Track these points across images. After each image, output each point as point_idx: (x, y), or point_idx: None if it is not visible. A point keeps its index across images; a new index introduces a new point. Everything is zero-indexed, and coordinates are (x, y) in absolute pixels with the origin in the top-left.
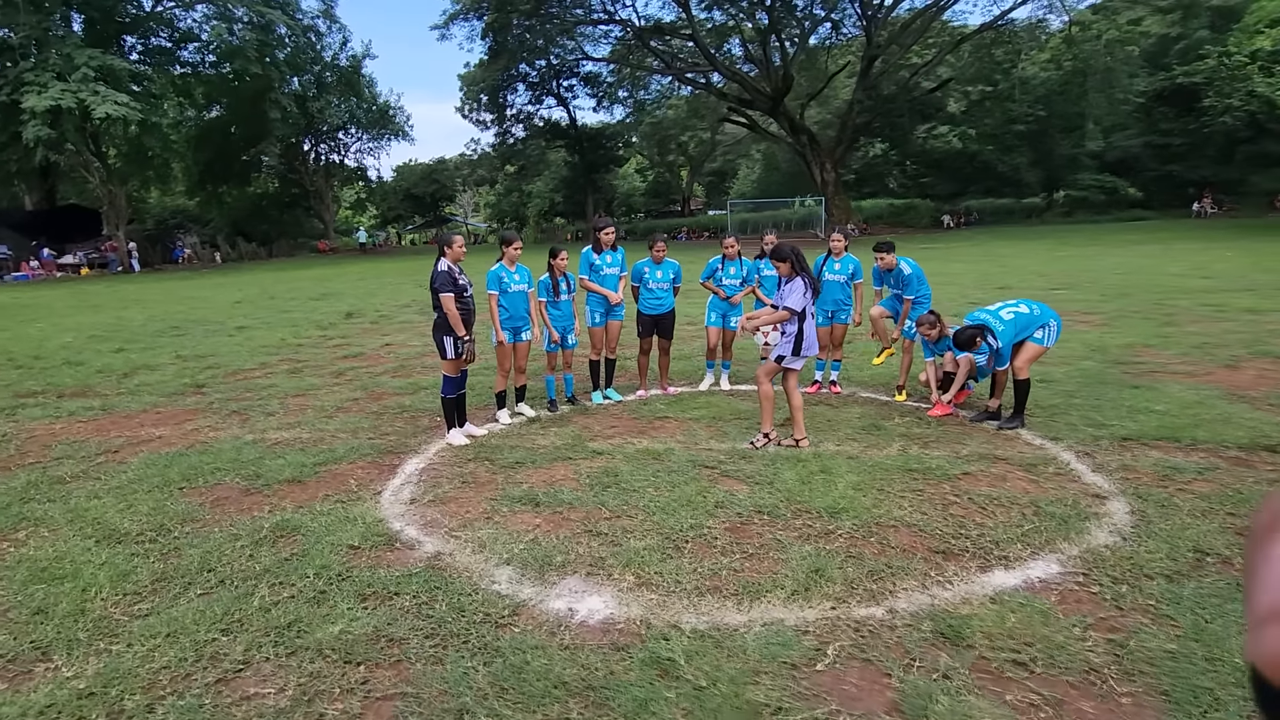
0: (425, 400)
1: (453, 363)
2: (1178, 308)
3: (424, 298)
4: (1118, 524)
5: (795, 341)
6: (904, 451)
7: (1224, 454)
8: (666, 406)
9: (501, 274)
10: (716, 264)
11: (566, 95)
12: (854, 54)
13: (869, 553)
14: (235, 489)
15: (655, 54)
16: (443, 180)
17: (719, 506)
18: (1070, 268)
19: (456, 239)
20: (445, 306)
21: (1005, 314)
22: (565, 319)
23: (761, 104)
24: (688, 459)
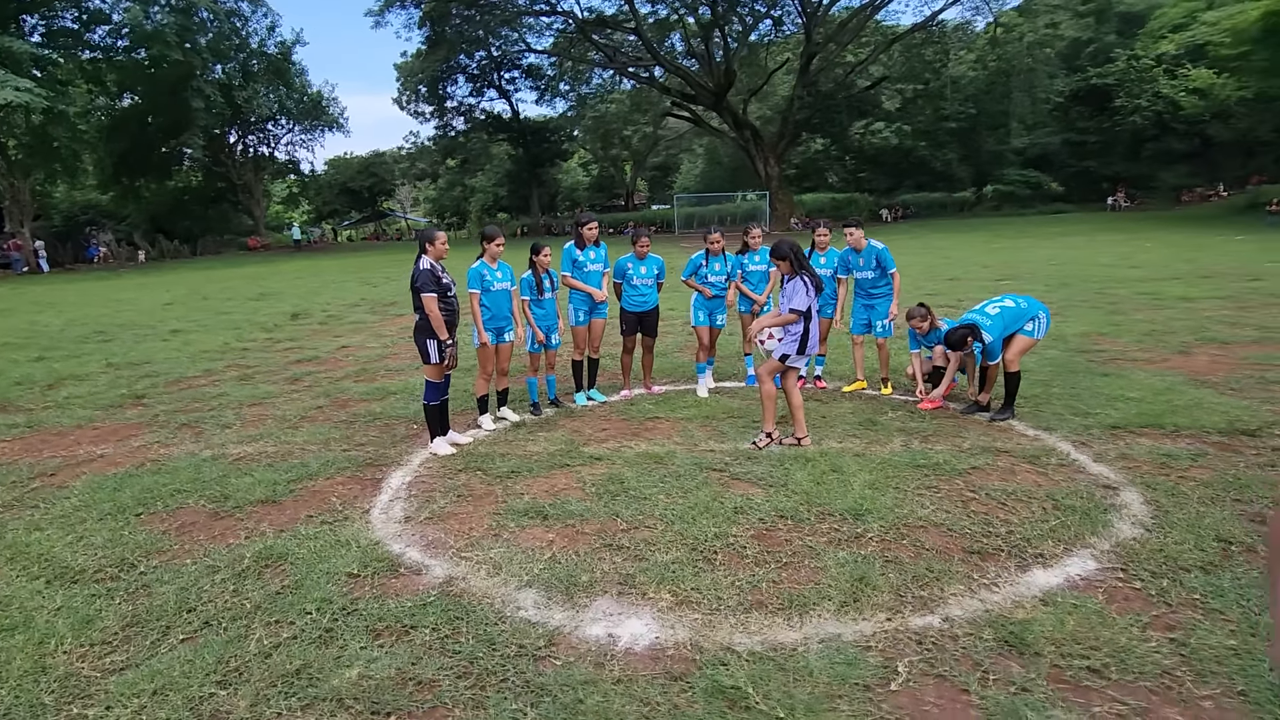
0: (396, 406)
1: (436, 367)
2: (1119, 296)
3: (374, 296)
4: (1136, 515)
5: (800, 340)
6: (907, 447)
7: (1207, 439)
8: (655, 407)
9: (483, 272)
10: (700, 260)
11: (508, 88)
12: (792, 51)
13: (905, 557)
14: (202, 513)
15: (598, 47)
16: (381, 174)
17: (738, 512)
18: (1008, 259)
19: (439, 235)
20: (428, 308)
21: (991, 310)
22: (549, 318)
23: (705, 99)
24: (692, 462)
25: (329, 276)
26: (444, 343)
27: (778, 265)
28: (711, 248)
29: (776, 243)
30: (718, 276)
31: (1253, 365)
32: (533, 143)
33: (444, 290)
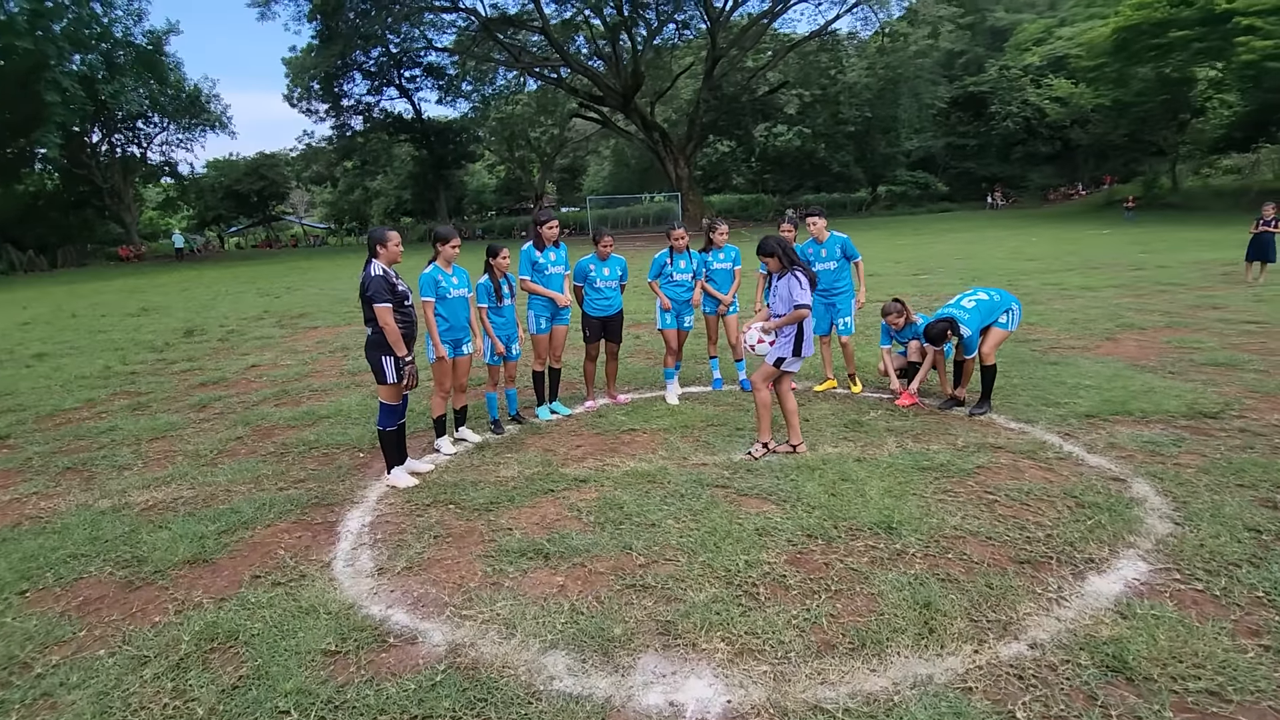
0: (333, 432)
1: (393, 388)
2: (1030, 288)
3: (278, 308)
4: (1158, 508)
5: (795, 342)
6: (903, 448)
7: (1177, 424)
8: (627, 418)
9: (438, 277)
10: (664, 259)
11: (409, 86)
12: (695, 55)
13: (958, 573)
14: (111, 583)
15: (503, 46)
16: (272, 177)
17: (762, 534)
18: (915, 255)
19: (392, 236)
20: (382, 320)
21: (967, 304)
22: (508, 326)
23: (613, 100)
24: (689, 479)
25: (222, 287)
26: (402, 360)
27: (766, 262)
28: (676, 244)
29: (763, 239)
30: (684, 275)
31: (1176, 349)
32: (437, 144)
33: (400, 299)
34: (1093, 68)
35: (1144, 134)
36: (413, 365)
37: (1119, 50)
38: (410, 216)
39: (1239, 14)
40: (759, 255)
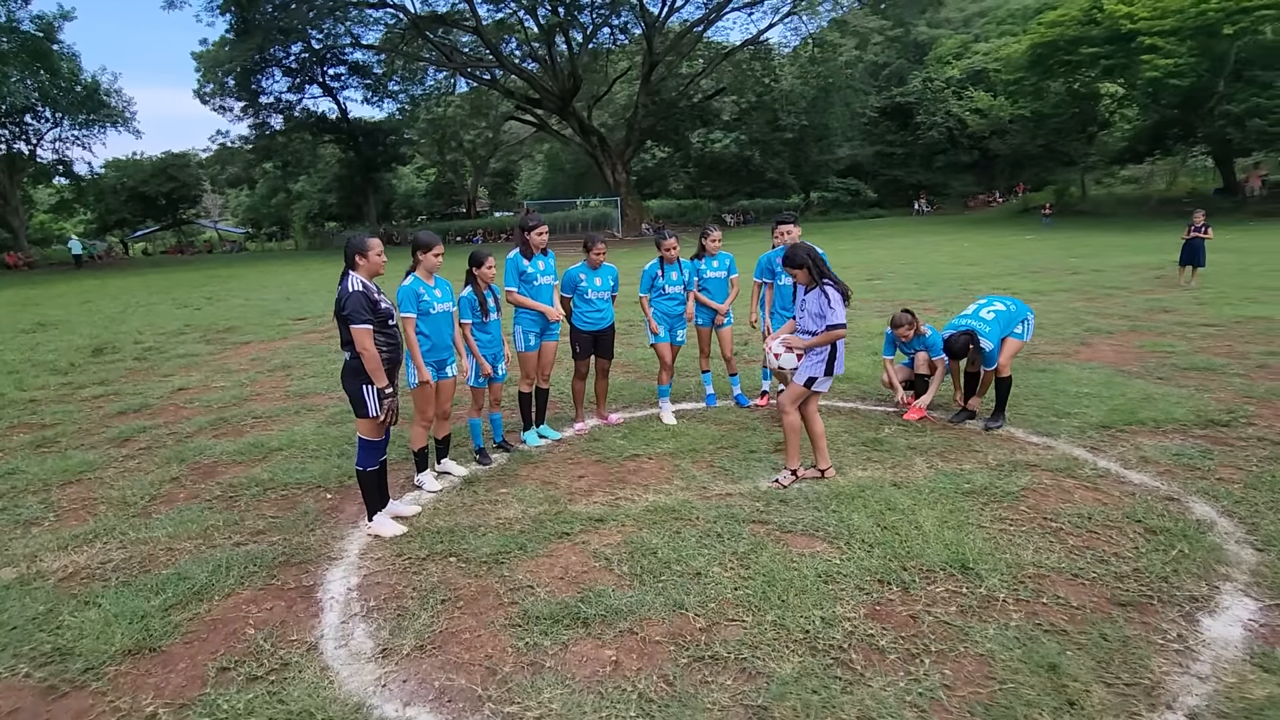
0: (290, 468)
1: (374, 423)
2: (981, 292)
3: (201, 321)
4: (1231, 532)
5: (828, 360)
6: (935, 469)
7: (1194, 435)
8: (625, 441)
9: (419, 290)
10: (655, 271)
11: (334, 85)
12: (629, 59)
13: (1063, 623)
14: (25, 690)
15: (433, 45)
16: (182, 178)
17: (826, 582)
18: (862, 260)
19: (373, 244)
20: (360, 345)
21: (986, 314)
22: (495, 344)
23: (550, 103)
24: (719, 514)
25: (131, 298)
26: (384, 390)
27: (794, 275)
28: (667, 255)
29: (791, 249)
30: (675, 287)
31: (1151, 353)
32: (365, 145)
33: (383, 319)
34: (1011, 81)
35: (1057, 145)
36: (394, 399)
37: (1035, 65)
38: (335, 221)
39: (1142, 34)
40: (786, 267)
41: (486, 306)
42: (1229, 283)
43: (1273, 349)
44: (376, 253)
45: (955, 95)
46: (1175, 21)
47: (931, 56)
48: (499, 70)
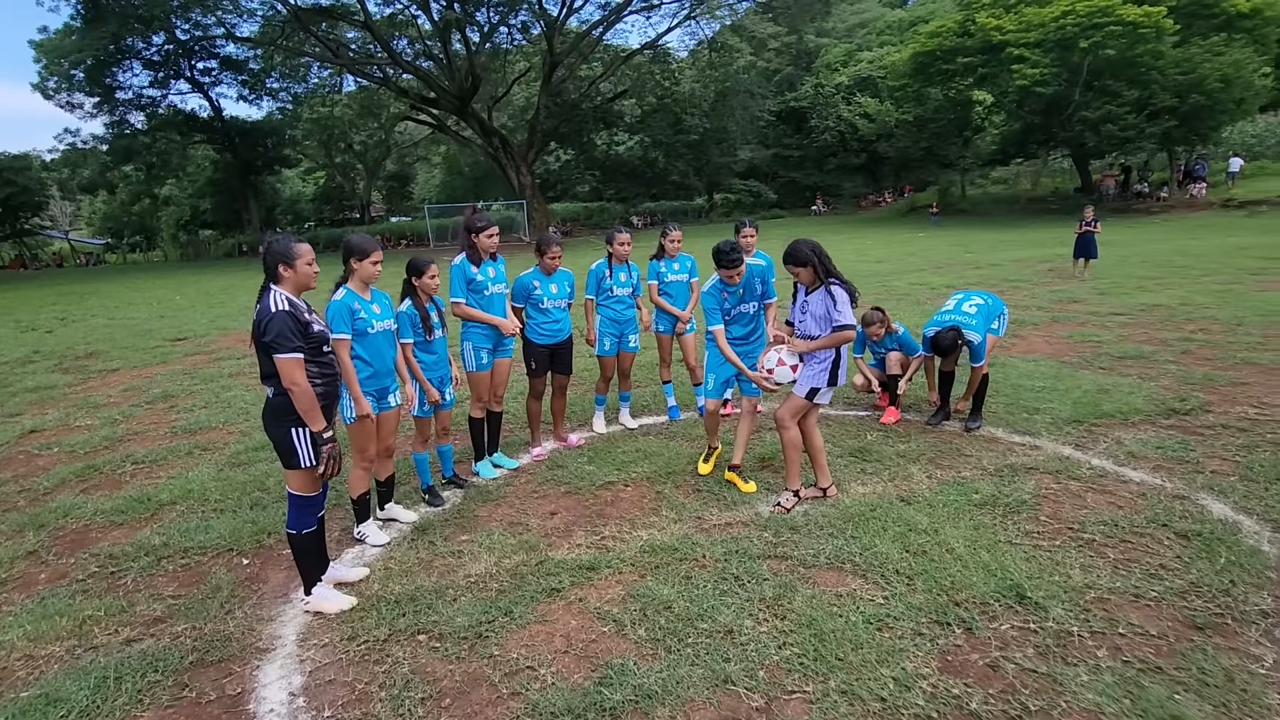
0: (185, 528)
1: (308, 474)
2: (901, 289)
3: (53, 346)
4: (1258, 531)
5: (831, 369)
6: (936, 479)
7: (1163, 425)
8: (592, 466)
9: (353, 305)
10: (602, 271)
11: (204, 80)
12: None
13: (1153, 657)
14: None
15: (318, 40)
16: (22, 182)
17: (880, 629)
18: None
19: (302, 250)
20: (289, 378)
21: (968, 309)
22: (440, 365)
23: (448, 104)
24: (727, 550)
25: None
26: (321, 435)
27: (796, 274)
28: (618, 250)
29: (794, 245)
30: (624, 289)
31: (1082, 344)
32: (244, 147)
33: (316, 345)
34: (896, 87)
35: (938, 148)
36: (334, 444)
37: (917, 73)
38: (211, 229)
39: (1011, 45)
40: (788, 264)
41: (430, 322)
42: (1114, 274)
43: (1185, 334)
44: (306, 261)
45: (845, 101)
46: (1038, 35)
47: (820, 63)
48: (391, 68)
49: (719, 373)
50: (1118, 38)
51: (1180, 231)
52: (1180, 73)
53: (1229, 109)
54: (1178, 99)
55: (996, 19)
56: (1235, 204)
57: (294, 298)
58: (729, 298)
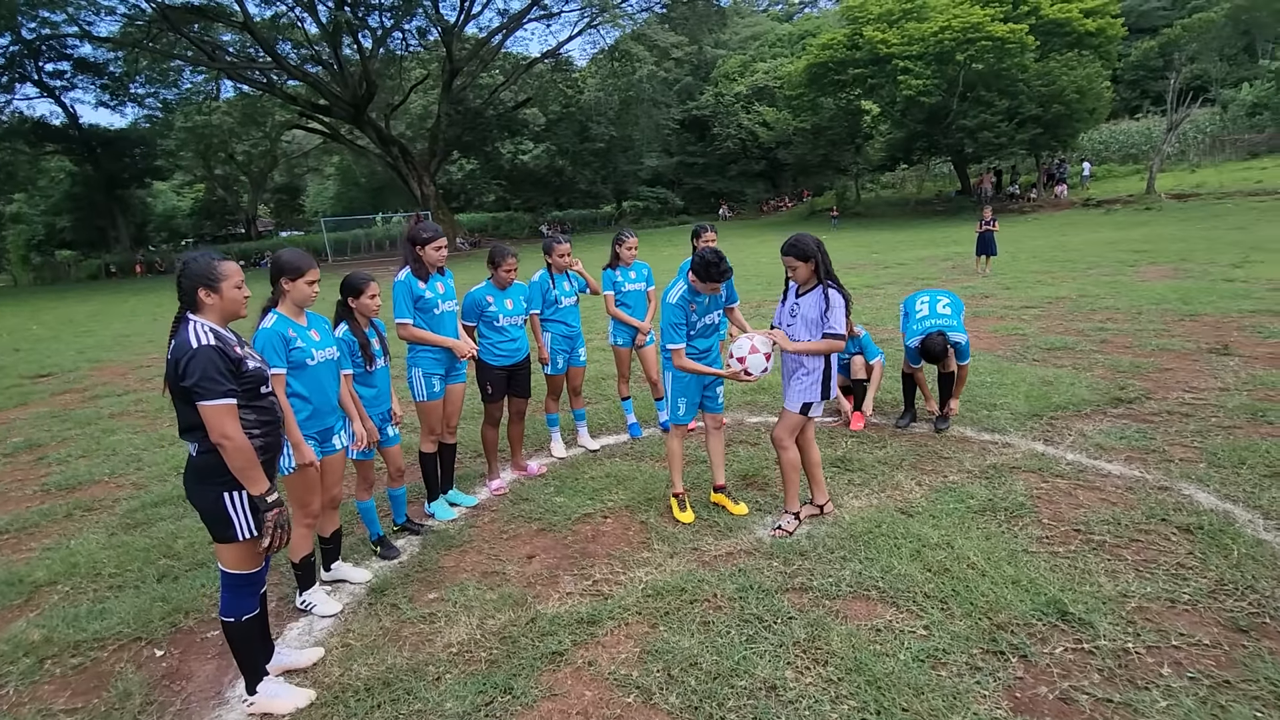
0: (75, 615)
1: (246, 549)
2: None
3: None
4: (1250, 520)
5: (823, 381)
6: (925, 486)
7: (1114, 415)
8: (562, 496)
9: (287, 332)
10: (545, 284)
11: (55, 84)
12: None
13: (1216, 669)
14: None
15: (191, 41)
16: None
17: (933, 666)
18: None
19: (227, 271)
20: (219, 431)
21: (944, 309)
22: (382, 400)
23: (341, 111)
24: (739, 585)
25: None
26: (262, 499)
27: (794, 269)
28: (560, 260)
29: (799, 237)
30: (569, 299)
31: (1009, 337)
32: (106, 158)
33: (252, 386)
34: (793, 97)
35: (833, 155)
36: (281, 510)
37: (812, 83)
38: (70, 249)
39: (896, 58)
40: (789, 256)
41: (371, 350)
42: (1010, 269)
43: (1096, 324)
44: (234, 283)
45: (744, 109)
46: (920, 48)
47: (718, 73)
48: (276, 73)
49: (689, 395)
50: (988, 52)
51: (1052, 229)
52: (1042, 84)
53: (1084, 117)
54: (1041, 108)
55: (882, 33)
56: (1094, 203)
57: (220, 329)
58: (698, 309)
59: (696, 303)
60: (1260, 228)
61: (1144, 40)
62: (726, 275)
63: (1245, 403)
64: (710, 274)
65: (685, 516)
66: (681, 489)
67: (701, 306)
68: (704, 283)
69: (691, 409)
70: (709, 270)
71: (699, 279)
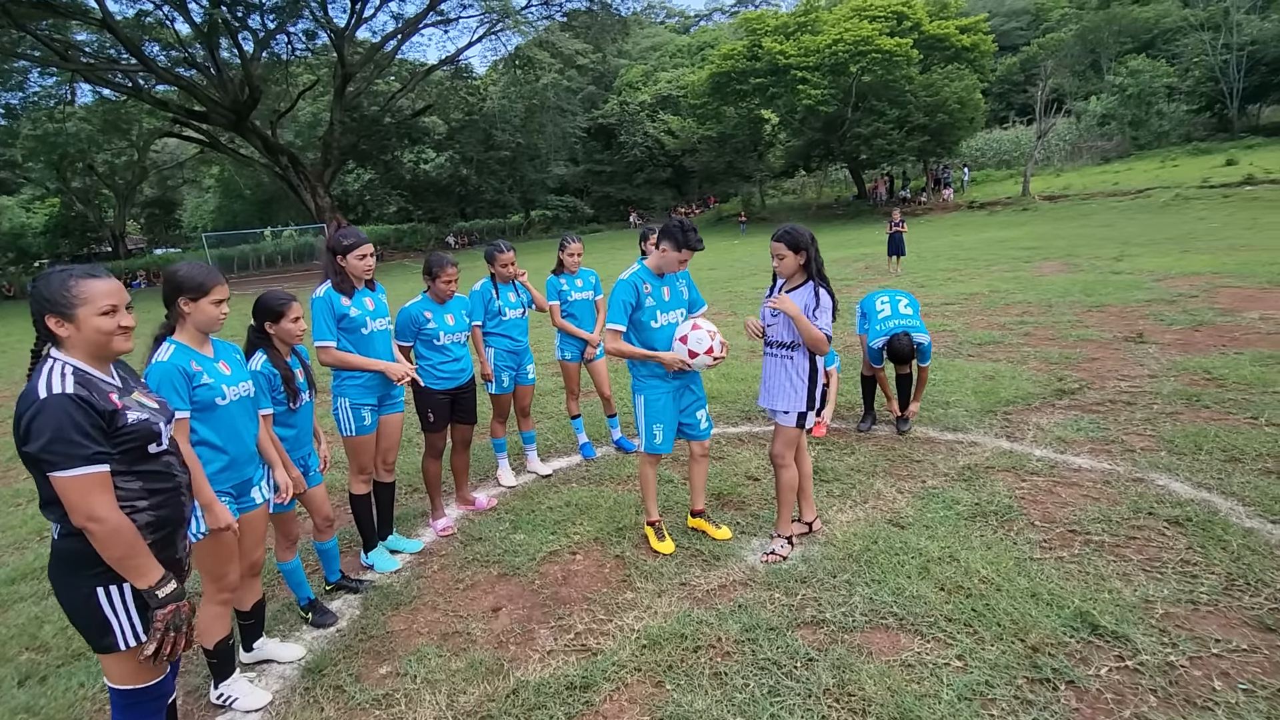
0: None
1: (129, 660)
2: (745, 292)
3: None
4: (1229, 508)
5: (809, 389)
6: (906, 493)
7: (1062, 407)
8: (520, 533)
9: (189, 366)
10: (488, 294)
11: None
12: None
13: (1264, 677)
14: None
15: (40, 40)
16: None
17: (980, 704)
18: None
19: (93, 290)
20: (83, 512)
21: (905, 310)
22: (304, 442)
23: (220, 118)
24: (744, 626)
25: None
26: (154, 592)
27: (782, 259)
28: (501, 272)
29: (793, 228)
30: (515, 311)
31: (939, 334)
32: None
33: (134, 445)
34: (697, 105)
35: (737, 162)
36: (179, 605)
37: (715, 92)
38: None
39: (795, 69)
40: (780, 243)
41: (295, 384)
42: (919, 268)
43: (1015, 318)
44: (97, 309)
45: (650, 118)
46: (816, 59)
47: (620, 82)
48: (144, 76)
49: (665, 421)
50: (878, 64)
51: (944, 230)
52: (928, 95)
53: (965, 126)
54: (927, 117)
55: (780, 44)
56: (977, 205)
57: (89, 368)
58: (653, 291)
59: (652, 284)
60: (1124, 225)
61: (1007, 57)
62: (700, 244)
63: (1178, 388)
64: (688, 239)
65: (665, 547)
66: (657, 516)
67: (657, 291)
68: (677, 250)
69: (669, 436)
70: (686, 235)
71: (672, 246)
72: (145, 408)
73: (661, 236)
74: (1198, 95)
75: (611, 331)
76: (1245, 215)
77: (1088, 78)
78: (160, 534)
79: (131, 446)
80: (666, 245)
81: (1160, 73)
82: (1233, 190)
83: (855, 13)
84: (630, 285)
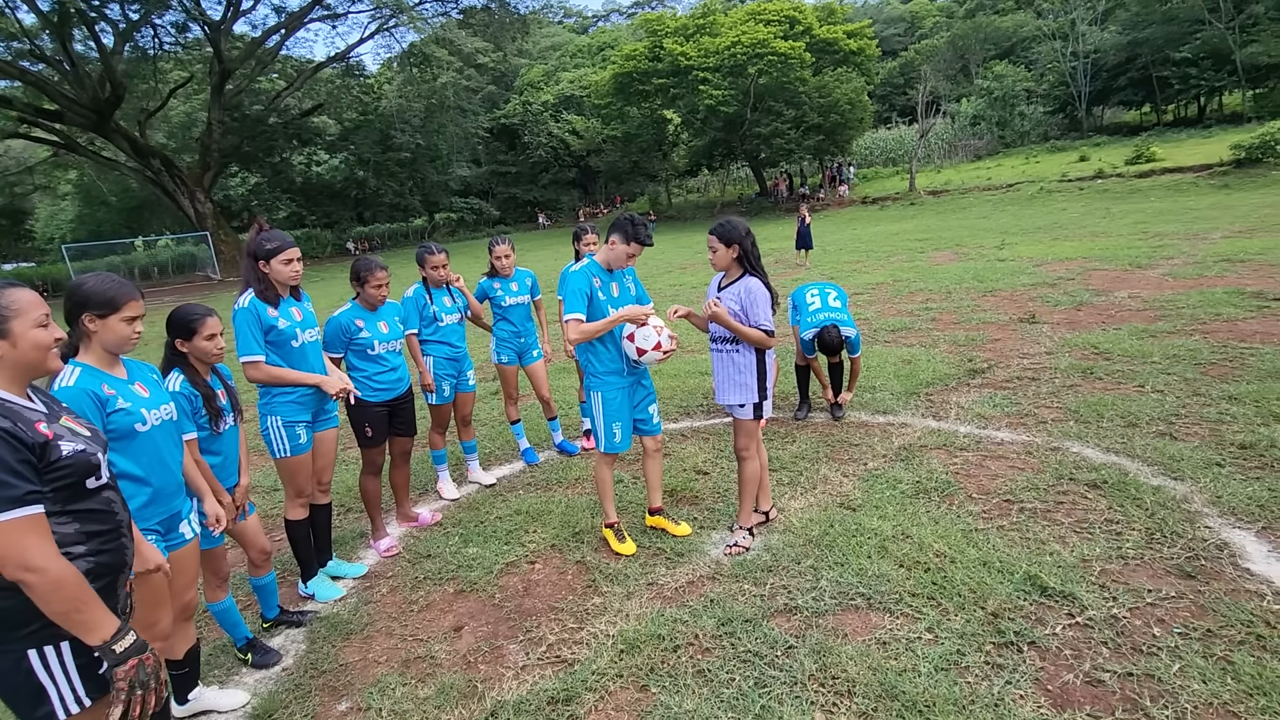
0: None
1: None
2: (663, 289)
3: None
4: (1143, 470)
5: (758, 378)
6: (850, 475)
7: (976, 386)
8: (472, 546)
9: (101, 391)
10: (422, 298)
11: None
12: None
13: (1195, 620)
14: None
15: None
16: None
17: (957, 673)
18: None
19: (21, 301)
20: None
21: (834, 303)
22: (229, 467)
23: (78, 117)
24: (719, 620)
25: None
26: (109, 647)
27: (715, 251)
28: (435, 274)
29: (729, 220)
30: (451, 316)
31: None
32: None
33: (71, 478)
34: (601, 105)
35: (642, 162)
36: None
37: (618, 92)
38: None
39: (696, 69)
40: (714, 236)
41: (217, 404)
42: (824, 260)
43: (920, 305)
44: (33, 321)
45: (553, 118)
46: (716, 60)
47: (521, 82)
48: None
49: (621, 418)
50: (774, 66)
51: (842, 224)
52: (821, 96)
53: (856, 125)
54: (821, 118)
55: (680, 46)
56: (870, 200)
57: (10, 395)
58: (602, 286)
59: (602, 279)
60: (999, 216)
61: (888, 62)
62: (649, 240)
63: (1073, 363)
64: (637, 233)
65: (626, 548)
66: (615, 518)
67: (606, 287)
68: (626, 243)
69: (628, 434)
70: (636, 229)
71: (621, 239)
72: (78, 436)
73: (612, 229)
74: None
75: (573, 320)
76: (1100, 205)
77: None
78: (100, 583)
79: (68, 483)
80: (616, 238)
81: (1020, 78)
82: (1087, 183)
83: (750, 16)
84: (584, 275)
